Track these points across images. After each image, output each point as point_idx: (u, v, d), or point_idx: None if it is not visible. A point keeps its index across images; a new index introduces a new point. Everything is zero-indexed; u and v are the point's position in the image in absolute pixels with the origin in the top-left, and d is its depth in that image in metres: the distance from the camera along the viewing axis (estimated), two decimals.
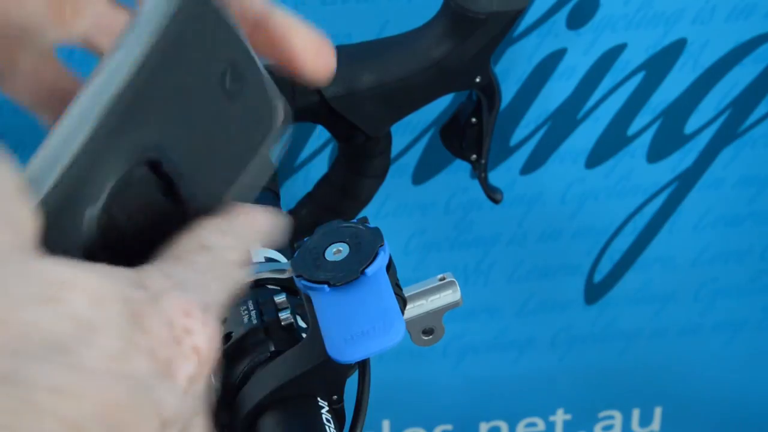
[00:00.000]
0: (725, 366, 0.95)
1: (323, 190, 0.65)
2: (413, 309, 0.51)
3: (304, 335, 0.52)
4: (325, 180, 0.65)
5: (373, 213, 0.57)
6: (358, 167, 0.62)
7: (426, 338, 0.52)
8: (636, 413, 0.97)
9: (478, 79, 0.59)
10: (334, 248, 0.48)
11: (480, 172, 0.64)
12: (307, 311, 0.47)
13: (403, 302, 0.49)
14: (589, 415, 0.97)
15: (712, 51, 0.79)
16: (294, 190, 0.78)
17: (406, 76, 0.57)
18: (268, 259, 0.56)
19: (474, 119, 0.62)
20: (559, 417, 0.96)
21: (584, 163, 0.83)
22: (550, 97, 0.79)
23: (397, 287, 0.48)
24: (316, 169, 0.79)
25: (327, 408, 0.49)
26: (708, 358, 0.94)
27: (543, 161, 0.82)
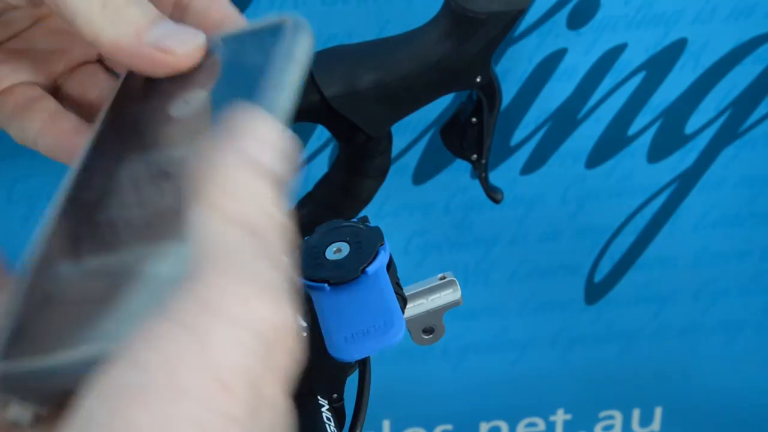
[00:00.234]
0: (725, 366, 0.95)
1: (323, 190, 0.65)
2: (413, 308, 0.52)
3: (304, 334, 0.52)
4: (326, 180, 0.65)
5: (373, 213, 0.57)
6: (359, 167, 0.62)
7: (426, 337, 0.52)
8: (636, 413, 0.97)
9: (478, 79, 0.59)
10: (334, 247, 0.48)
11: (480, 172, 0.64)
12: (307, 310, 0.47)
13: (403, 301, 0.49)
14: (589, 415, 0.97)
15: (712, 51, 0.79)
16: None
17: (407, 76, 0.57)
18: None
19: (474, 119, 0.62)
20: (559, 417, 0.96)
21: (584, 163, 0.83)
22: (551, 97, 0.79)
23: (397, 286, 0.48)
24: (317, 169, 0.79)
25: (327, 406, 0.49)
26: (708, 358, 0.94)
27: (543, 161, 0.82)
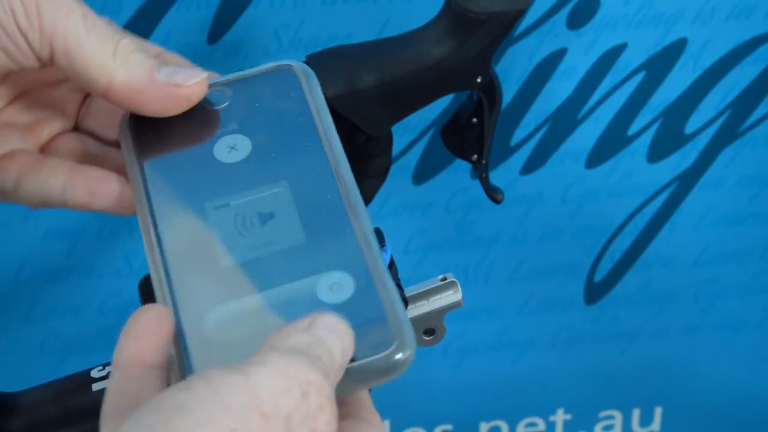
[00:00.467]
0: (725, 366, 0.95)
1: None
2: (414, 309, 0.52)
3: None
4: None
5: (373, 213, 0.57)
6: (359, 167, 0.62)
7: (427, 338, 0.52)
8: (636, 413, 0.97)
9: (479, 80, 0.59)
10: None
11: (481, 172, 0.64)
12: None
13: (404, 302, 0.49)
14: (589, 415, 0.97)
15: (712, 51, 0.79)
16: None
17: (407, 77, 0.57)
18: None
19: (475, 119, 0.62)
20: (559, 417, 0.96)
21: (584, 163, 0.83)
22: (551, 97, 0.79)
23: (398, 287, 0.48)
24: None
25: None
26: (708, 358, 0.94)
27: (543, 161, 0.82)
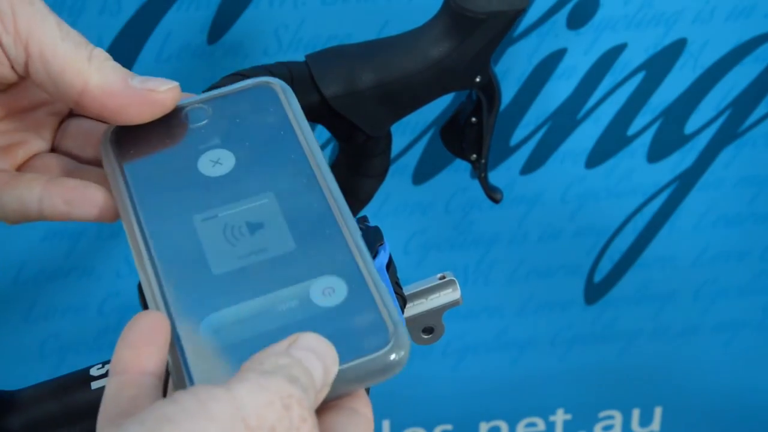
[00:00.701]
0: (725, 366, 0.95)
1: None
2: (413, 307, 0.52)
3: None
4: None
5: (373, 213, 0.57)
6: (359, 167, 0.62)
7: (426, 337, 0.52)
8: (636, 413, 0.97)
9: (478, 79, 0.59)
10: None
11: (480, 172, 0.64)
12: None
13: (403, 301, 0.49)
14: (589, 415, 0.97)
15: (712, 51, 0.79)
16: None
17: (406, 76, 0.57)
18: None
19: (474, 119, 0.62)
20: (559, 417, 0.96)
21: (584, 163, 0.83)
22: (550, 97, 0.79)
23: (397, 286, 0.48)
24: None
25: None
26: (708, 358, 0.94)
27: (543, 161, 0.82)
